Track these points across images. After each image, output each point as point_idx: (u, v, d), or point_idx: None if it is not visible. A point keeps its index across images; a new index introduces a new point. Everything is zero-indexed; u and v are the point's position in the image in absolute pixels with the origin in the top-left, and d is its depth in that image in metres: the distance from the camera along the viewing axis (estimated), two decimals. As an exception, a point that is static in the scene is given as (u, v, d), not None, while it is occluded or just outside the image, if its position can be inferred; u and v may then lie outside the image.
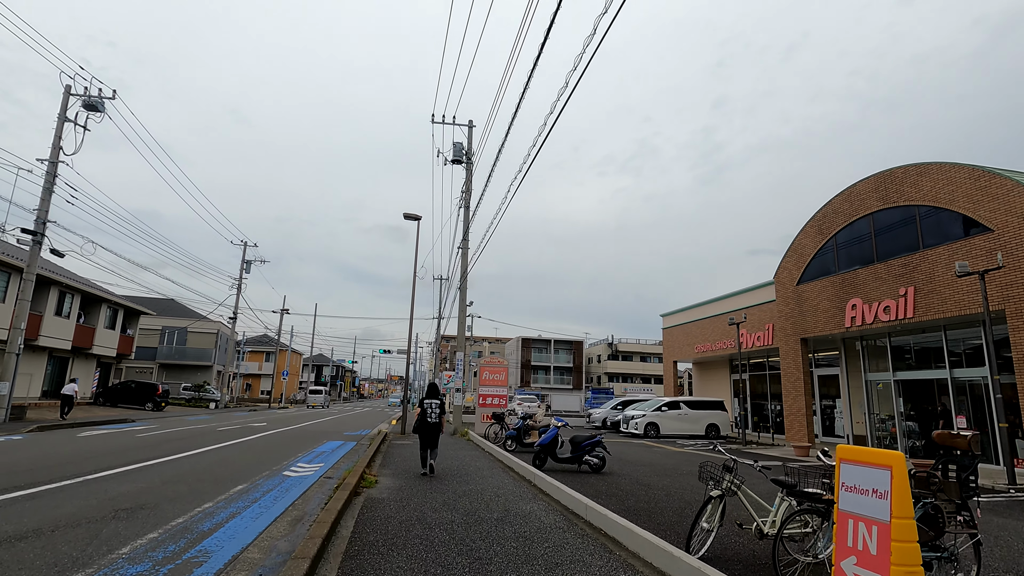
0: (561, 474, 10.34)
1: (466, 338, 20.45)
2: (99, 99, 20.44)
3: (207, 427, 19.41)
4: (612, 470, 11.20)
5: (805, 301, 19.79)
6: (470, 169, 21.35)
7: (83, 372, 30.88)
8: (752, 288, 25.13)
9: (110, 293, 31.45)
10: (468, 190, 21.20)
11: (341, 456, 12.61)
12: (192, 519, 6.00)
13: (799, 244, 20.38)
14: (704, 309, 29.05)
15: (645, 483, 9.78)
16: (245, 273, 41.24)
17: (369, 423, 26.13)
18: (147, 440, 14.23)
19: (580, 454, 10.68)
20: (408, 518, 6.30)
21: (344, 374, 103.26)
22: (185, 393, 39.42)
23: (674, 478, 10.56)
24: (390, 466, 10.79)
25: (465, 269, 20.50)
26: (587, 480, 9.83)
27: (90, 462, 9.87)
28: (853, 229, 18.15)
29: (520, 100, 10.31)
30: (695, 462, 13.89)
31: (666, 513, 7.18)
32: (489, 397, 20.25)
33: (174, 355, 42.35)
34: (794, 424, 20.07)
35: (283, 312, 53.77)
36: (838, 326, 18.09)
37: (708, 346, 28.03)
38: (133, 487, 7.66)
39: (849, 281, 17.88)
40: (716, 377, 30.16)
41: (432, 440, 9.78)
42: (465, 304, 20.49)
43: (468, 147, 21.40)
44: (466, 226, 20.77)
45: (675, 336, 31.98)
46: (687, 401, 24.69)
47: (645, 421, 23.51)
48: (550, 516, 6.62)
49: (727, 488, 4.96)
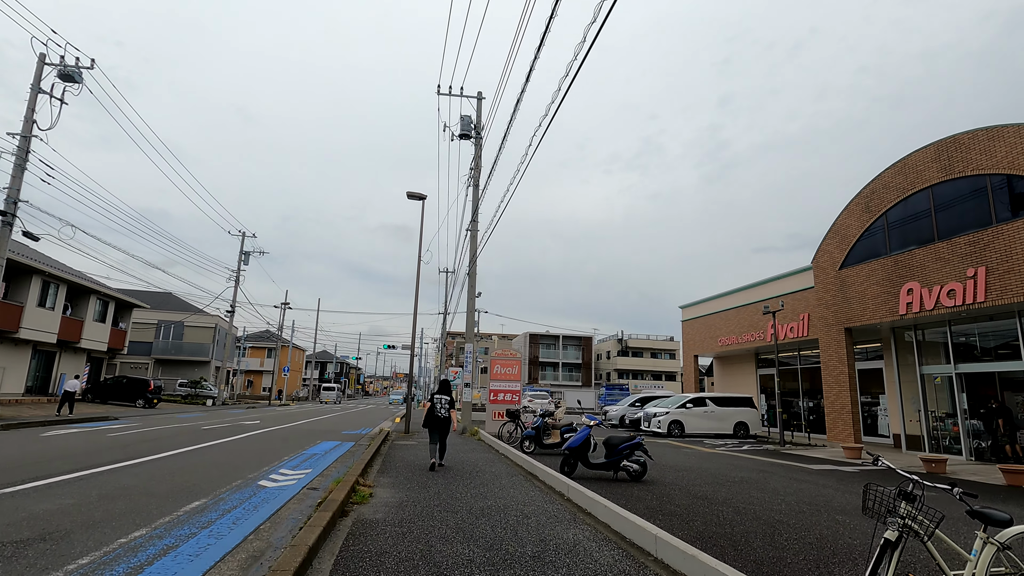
0: (595, 483, 8.59)
1: (474, 332, 18.75)
2: (75, 69, 18.77)
3: (193, 425, 17.76)
4: (653, 477, 9.42)
5: (850, 287, 17.91)
6: (479, 144, 19.57)
7: (72, 367, 29.34)
8: (784, 275, 23.25)
9: (100, 284, 29.88)
10: (477, 167, 19.43)
11: (334, 459, 10.89)
12: (101, 559, 4.27)
13: (842, 224, 18.48)
14: (728, 299, 27.17)
15: (701, 495, 8.00)
16: (244, 265, 39.64)
17: (371, 421, 24.45)
18: (117, 441, 12.57)
19: (617, 459, 8.91)
20: (409, 555, 4.55)
21: (349, 371, 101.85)
22: (181, 390, 37.87)
23: (731, 488, 8.77)
24: (390, 472, 9.07)
25: (474, 253, 18.73)
26: (630, 491, 8.06)
27: (28, 469, 8.17)
28: (908, 205, 16.25)
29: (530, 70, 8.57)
30: (739, 466, 12.09)
31: (754, 542, 5.39)
32: (500, 393, 18.49)
33: (170, 350, 40.80)
34: (837, 422, 18.22)
35: (284, 307, 52.24)
36: (890, 313, 16.21)
37: (733, 339, 26.16)
38: (57, 504, 5.96)
39: (904, 263, 15.99)
40: (740, 372, 28.29)
41: (442, 435, 9.91)
42: (474, 291, 18.73)
43: (477, 120, 19.61)
44: (475, 205, 19.00)
45: (695, 329, 30.11)
46: (713, 397, 22.85)
47: (669, 419, 21.71)
48: (606, 552, 4.84)
49: (907, 527, 3.17)
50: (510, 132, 14.53)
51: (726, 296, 27.42)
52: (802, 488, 9.15)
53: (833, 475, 11.27)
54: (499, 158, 15.57)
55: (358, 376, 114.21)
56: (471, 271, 18.86)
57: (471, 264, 18.77)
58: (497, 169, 16.99)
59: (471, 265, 18.77)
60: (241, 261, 39.25)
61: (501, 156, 15.33)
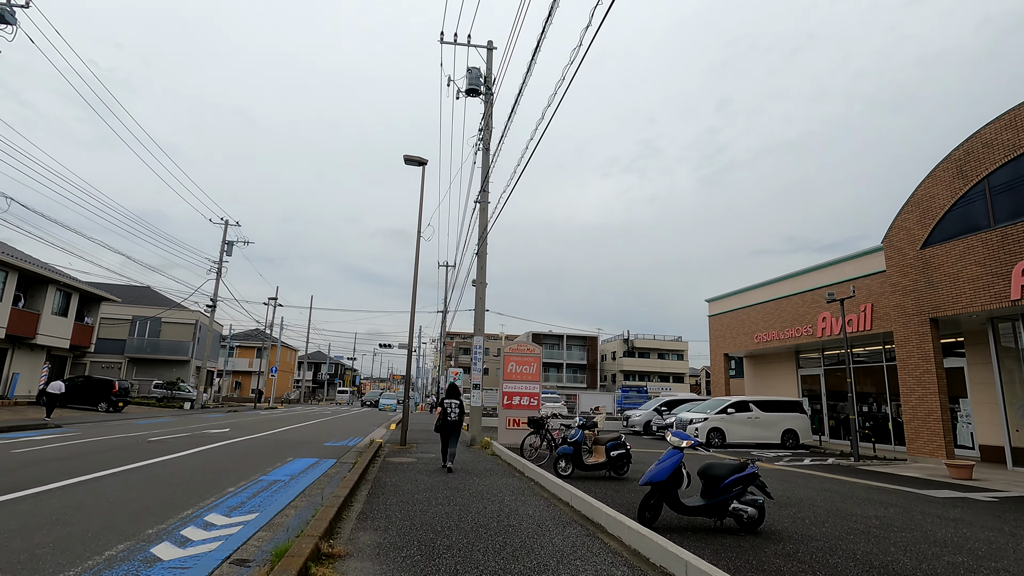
0: (694, 536, 5.54)
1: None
2: (7, 7, 15.68)
3: (142, 436, 14.62)
4: (771, 525, 6.36)
5: (936, 269, 14.90)
6: (490, 101, 16.51)
7: (29, 366, 26.15)
8: (840, 260, 20.23)
9: (60, 273, 26.68)
10: (488, 127, 16.37)
11: (301, 490, 7.79)
12: None
13: (925, 194, 15.48)
14: (767, 290, 24.15)
15: (862, 559, 4.97)
16: (227, 255, 36.47)
17: (361, 429, 21.33)
18: (16, 461, 9.44)
19: (722, 500, 5.85)
20: None
21: (344, 372, 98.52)
22: (157, 391, 34.67)
23: (883, 540, 5.74)
24: (378, 515, 6.00)
25: (484, 228, 15.66)
26: (759, 555, 5.02)
27: None
28: (1019, 166, 13.26)
29: None
30: (840, 493, 9.06)
31: None
32: (516, 396, 15.40)
33: (146, 348, 37.53)
34: (921, 432, 15.18)
35: (273, 302, 49.05)
36: (996, 299, 13.20)
37: (773, 334, 23.14)
38: None
39: (1014, 237, 13.00)
40: (777, 372, 25.27)
41: (453, 438, 10.20)
42: (484, 273, 15.64)
43: (488, 73, 16.55)
44: (485, 172, 15.93)
45: (725, 324, 27.07)
46: (758, 401, 19.82)
47: (708, 426, 18.66)
48: None
49: None
50: (527, 83, 11.51)
51: (765, 286, 24.39)
52: (977, 535, 6.11)
53: (971, 507, 8.28)
54: (510, 124, 12.54)
55: (354, 378, 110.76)
56: (480, 250, 15.79)
57: (480, 242, 15.69)
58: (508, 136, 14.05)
59: (480, 243, 15.70)
60: (224, 252, 36.10)
61: (511, 123, 12.26)
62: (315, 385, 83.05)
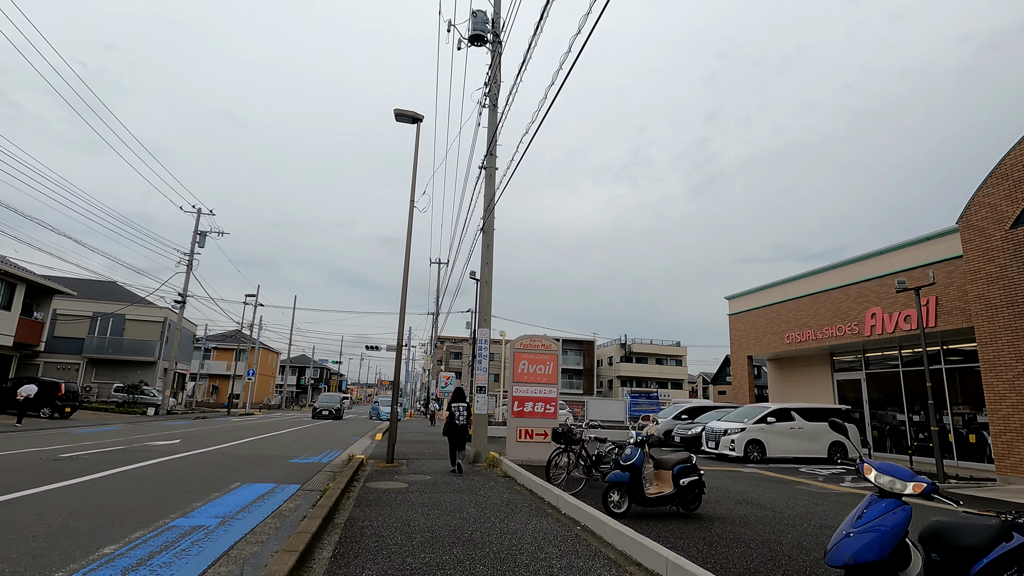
0: None
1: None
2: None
3: (52, 451, 11.63)
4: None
5: (1035, 251, 12.44)
6: (498, 50, 13.85)
7: (-38, 366, 22.93)
8: (895, 247, 17.77)
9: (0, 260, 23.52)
10: (495, 80, 13.70)
11: (225, 550, 4.98)
12: None
13: (1014, 164, 13.04)
14: (801, 284, 21.67)
15: None
16: (199, 247, 33.34)
17: (341, 440, 18.42)
18: None
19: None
20: None
21: (329, 376, 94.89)
22: (117, 395, 31.39)
23: None
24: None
25: (491, 198, 12.95)
26: None
27: None
28: None
29: None
30: None
31: None
32: (529, 402, 12.65)
33: (108, 348, 34.17)
34: (1017, 447, 12.64)
35: (255, 299, 45.89)
36: (1124, 285, 10.74)
37: (808, 334, 20.62)
38: None
39: None
40: (807, 377, 22.77)
41: (460, 441, 10.34)
42: (491, 251, 12.89)
43: (495, 14, 13.89)
44: (492, 132, 13.24)
45: (748, 323, 24.55)
46: (800, 409, 17.23)
47: (746, 437, 16.06)
48: None
49: None
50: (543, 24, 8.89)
51: (798, 280, 21.91)
52: None
53: None
54: (523, 72, 9.90)
55: (340, 383, 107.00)
56: (486, 225, 13.06)
57: (487, 214, 12.97)
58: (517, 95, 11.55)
59: (487, 215, 12.97)
60: (195, 242, 32.97)
61: (524, 71, 9.66)
62: (299, 390, 79.44)
